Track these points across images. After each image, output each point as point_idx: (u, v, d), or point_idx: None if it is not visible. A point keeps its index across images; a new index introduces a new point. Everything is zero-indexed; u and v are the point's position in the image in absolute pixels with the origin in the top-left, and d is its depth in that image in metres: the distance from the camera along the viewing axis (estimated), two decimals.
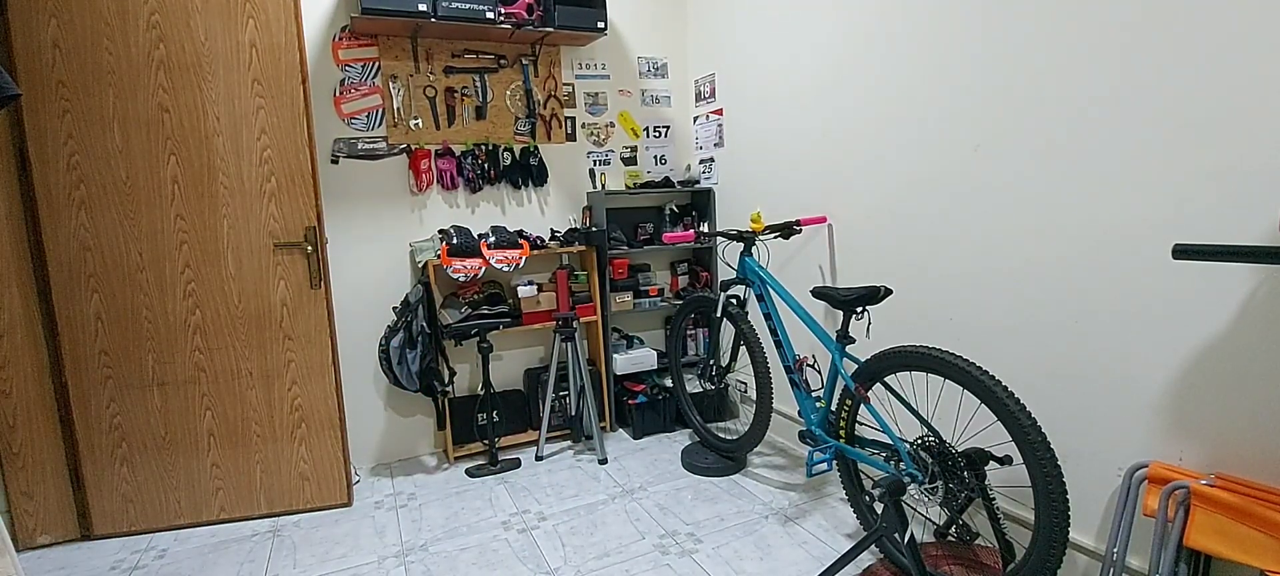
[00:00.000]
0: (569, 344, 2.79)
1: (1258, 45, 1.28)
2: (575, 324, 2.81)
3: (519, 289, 2.86)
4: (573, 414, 2.91)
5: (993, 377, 1.60)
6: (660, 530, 2.17)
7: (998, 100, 1.79)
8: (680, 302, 3.03)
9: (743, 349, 2.50)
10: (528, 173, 3.01)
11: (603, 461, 2.74)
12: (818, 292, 2.04)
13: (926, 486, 1.75)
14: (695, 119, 3.32)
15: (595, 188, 3.15)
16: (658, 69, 3.28)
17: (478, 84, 2.89)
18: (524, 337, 3.09)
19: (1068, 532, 1.50)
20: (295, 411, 2.36)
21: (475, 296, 2.82)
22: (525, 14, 2.66)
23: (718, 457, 2.65)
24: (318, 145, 2.38)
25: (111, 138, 2.12)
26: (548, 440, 3.00)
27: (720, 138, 3.11)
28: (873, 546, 1.93)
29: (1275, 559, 1.22)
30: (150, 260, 2.19)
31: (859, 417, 2.02)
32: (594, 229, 2.97)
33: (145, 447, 2.26)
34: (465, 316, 2.77)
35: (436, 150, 2.83)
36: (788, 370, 2.31)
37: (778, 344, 2.35)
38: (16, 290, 2.11)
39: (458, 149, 2.87)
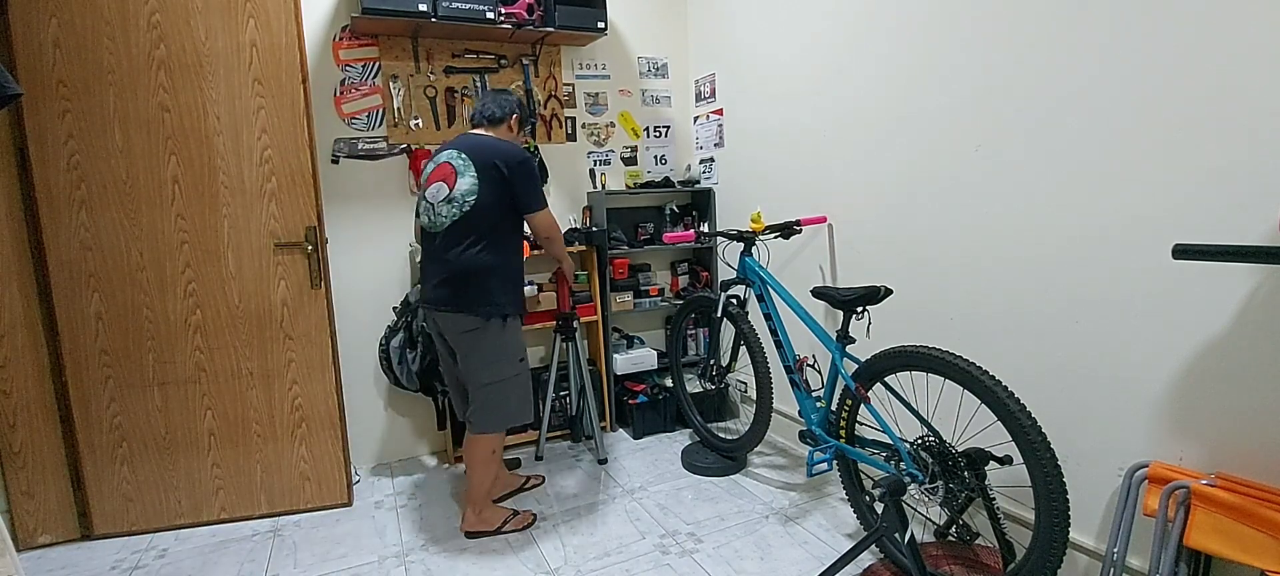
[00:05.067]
0: (569, 343, 2.79)
1: (1258, 45, 1.28)
2: (576, 323, 2.79)
3: None
4: (573, 413, 2.91)
5: (993, 377, 1.60)
6: (661, 530, 2.17)
7: (998, 100, 1.79)
8: (680, 303, 3.03)
9: (743, 349, 2.51)
10: None
11: (602, 461, 2.73)
12: (818, 292, 2.04)
13: (927, 486, 1.75)
14: (695, 119, 3.32)
15: (595, 188, 3.15)
16: (658, 69, 3.29)
17: (478, 84, 2.89)
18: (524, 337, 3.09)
19: (1068, 532, 1.50)
20: (296, 411, 2.36)
21: None
22: (525, 14, 2.66)
23: (718, 457, 2.65)
24: (318, 145, 2.38)
25: (112, 137, 2.12)
26: (548, 440, 3.00)
27: (720, 138, 3.11)
28: (873, 546, 1.93)
29: (1275, 559, 1.22)
30: (151, 260, 2.19)
31: (859, 417, 2.02)
32: (594, 229, 2.97)
33: (146, 447, 2.26)
34: None
35: (435, 151, 2.83)
36: (788, 370, 2.31)
37: (778, 344, 2.35)
38: (17, 290, 2.11)
39: None
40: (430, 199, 2.04)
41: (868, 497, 2.01)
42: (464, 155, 2.03)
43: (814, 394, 2.26)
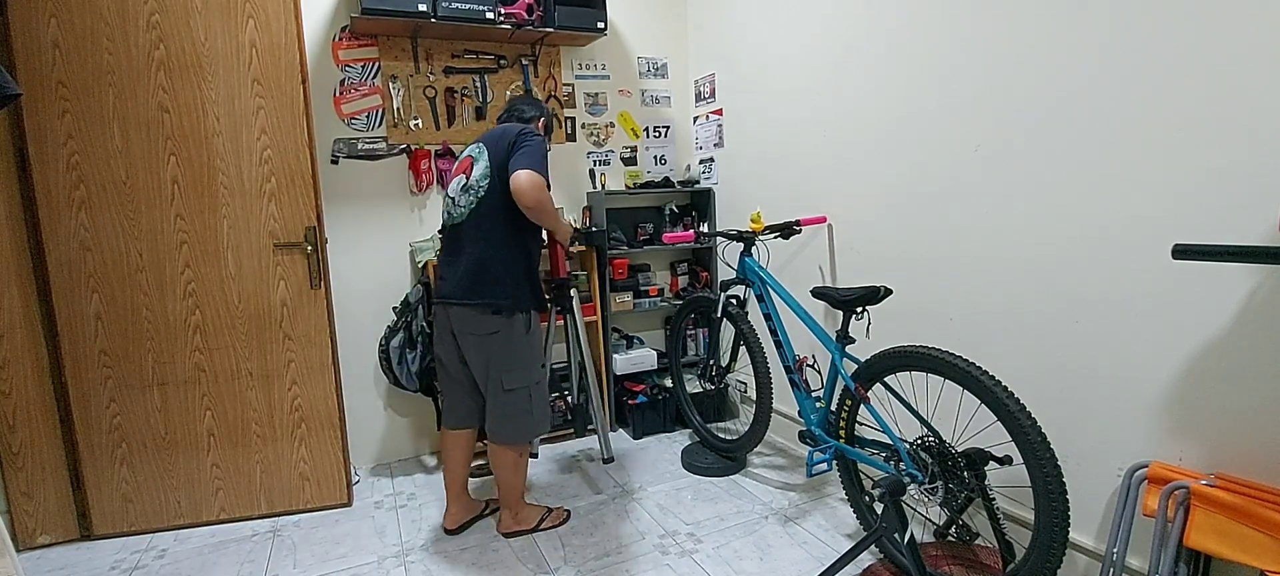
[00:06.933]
0: (567, 316, 2.47)
1: (1258, 45, 1.27)
2: (572, 291, 2.43)
3: None
4: (574, 401, 2.73)
5: (992, 377, 1.60)
6: (660, 530, 2.17)
7: (998, 100, 1.79)
8: (680, 303, 3.03)
9: (743, 349, 2.50)
10: None
11: (608, 460, 2.46)
12: (818, 292, 2.04)
13: (926, 486, 1.75)
14: (695, 119, 3.32)
15: (595, 188, 3.15)
16: (658, 69, 3.29)
17: (478, 84, 2.89)
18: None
19: (1068, 532, 1.50)
20: (295, 411, 2.36)
21: None
22: (525, 14, 2.66)
23: (718, 457, 2.65)
24: (318, 145, 2.38)
25: (111, 138, 2.12)
26: (547, 440, 2.99)
27: (720, 138, 3.11)
28: (873, 546, 1.93)
29: (1275, 559, 1.22)
30: (150, 260, 2.19)
31: (859, 418, 2.02)
32: (594, 229, 2.97)
33: (145, 447, 2.26)
34: None
35: (436, 150, 2.83)
36: (788, 370, 2.31)
37: (778, 344, 2.35)
38: (16, 290, 2.11)
39: (458, 149, 2.87)
40: (451, 193, 2.03)
41: (867, 498, 2.00)
42: (480, 144, 2.02)
43: (814, 394, 2.26)
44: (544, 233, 2.18)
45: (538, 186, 1.85)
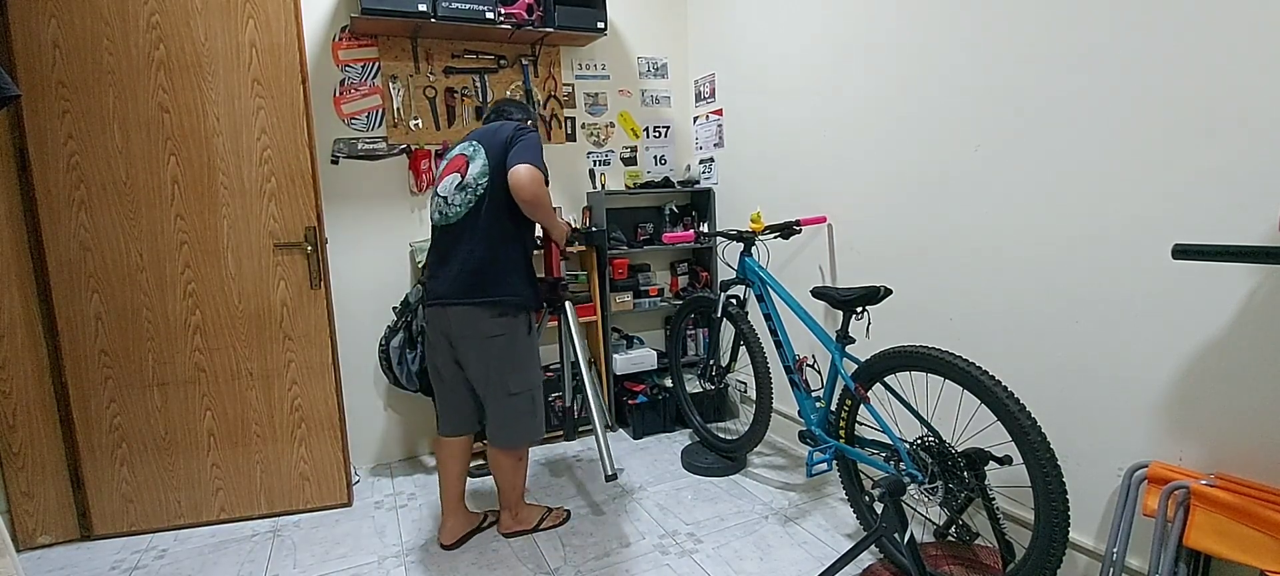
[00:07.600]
0: (560, 319, 2.37)
1: (1258, 45, 1.27)
2: (562, 290, 2.28)
3: None
4: (567, 405, 2.64)
5: (992, 377, 1.60)
6: (660, 530, 2.17)
7: (998, 100, 1.79)
8: (680, 303, 3.03)
9: (743, 349, 2.50)
10: None
11: (610, 477, 2.21)
12: (817, 292, 2.04)
13: (926, 486, 1.75)
14: (695, 119, 3.32)
15: (595, 188, 3.15)
16: (658, 69, 3.28)
17: (478, 84, 2.89)
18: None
19: (1067, 532, 1.50)
20: (295, 411, 2.36)
21: None
22: (525, 14, 2.66)
23: (718, 457, 2.65)
24: (318, 145, 2.38)
25: (111, 138, 2.12)
26: (547, 440, 2.99)
27: (720, 138, 3.11)
28: (873, 546, 1.93)
29: (1275, 559, 1.22)
30: (150, 260, 2.19)
31: (859, 418, 2.02)
32: (594, 229, 2.97)
33: (145, 447, 2.26)
34: None
35: (436, 150, 2.83)
36: (788, 370, 2.31)
37: (778, 344, 2.35)
38: (16, 290, 2.11)
39: None
40: (443, 192, 1.96)
41: (867, 497, 2.00)
42: (475, 142, 1.96)
43: (814, 394, 2.26)
44: (538, 232, 2.15)
45: (537, 180, 1.83)
